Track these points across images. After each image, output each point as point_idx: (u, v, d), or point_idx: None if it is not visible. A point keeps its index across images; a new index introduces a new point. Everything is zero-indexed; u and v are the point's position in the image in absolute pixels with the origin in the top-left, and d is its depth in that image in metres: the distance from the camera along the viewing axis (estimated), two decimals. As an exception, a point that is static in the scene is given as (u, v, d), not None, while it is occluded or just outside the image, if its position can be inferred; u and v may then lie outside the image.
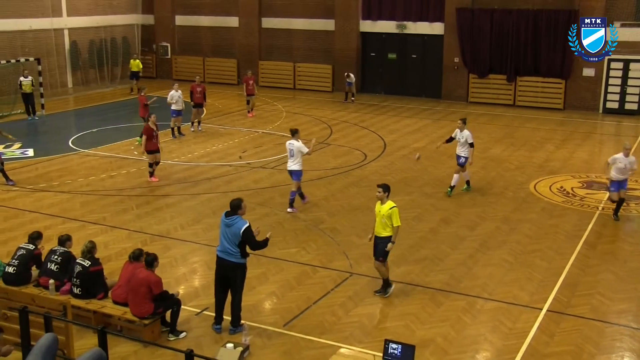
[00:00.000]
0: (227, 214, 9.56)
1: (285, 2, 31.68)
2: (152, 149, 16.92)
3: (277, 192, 16.28)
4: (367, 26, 30.34)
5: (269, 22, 32.21)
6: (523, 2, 27.06)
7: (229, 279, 9.61)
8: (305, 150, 14.60)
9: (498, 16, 27.47)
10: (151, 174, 17.19)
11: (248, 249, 9.63)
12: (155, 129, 16.97)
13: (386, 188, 10.69)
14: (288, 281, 11.48)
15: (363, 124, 24.12)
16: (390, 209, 10.52)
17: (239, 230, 9.37)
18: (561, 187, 17.02)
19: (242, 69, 32.07)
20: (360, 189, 16.69)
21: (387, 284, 11.05)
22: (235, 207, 9.59)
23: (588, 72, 26.52)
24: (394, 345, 7.63)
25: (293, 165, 14.69)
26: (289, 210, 14.85)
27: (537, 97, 27.57)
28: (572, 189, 16.90)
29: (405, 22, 29.52)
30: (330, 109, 27.28)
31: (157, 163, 17.26)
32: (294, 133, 14.77)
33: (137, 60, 30.90)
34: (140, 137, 20.97)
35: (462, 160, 16.06)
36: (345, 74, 28.64)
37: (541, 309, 10.54)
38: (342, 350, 8.90)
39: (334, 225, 14.14)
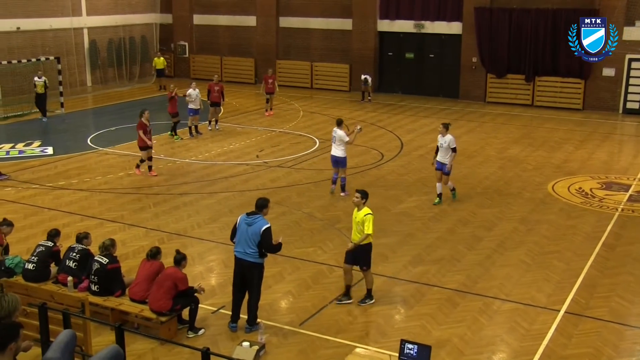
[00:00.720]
0: (249, 214, 9.58)
1: (302, 2, 31.69)
2: (145, 146, 17.30)
3: (294, 191, 16.30)
4: (384, 26, 30.27)
5: (286, 22, 32.25)
6: (542, 1, 26.86)
7: (246, 278, 9.64)
8: (347, 139, 15.63)
9: (517, 16, 27.30)
10: (138, 166, 17.67)
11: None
12: (148, 124, 17.26)
13: (364, 194, 10.56)
14: (304, 280, 11.49)
15: (380, 124, 24.07)
16: (365, 215, 10.36)
17: (259, 229, 9.40)
18: (580, 188, 16.88)
19: (259, 68, 32.15)
20: (377, 188, 16.64)
21: (369, 293, 10.68)
22: (261, 206, 9.65)
23: (608, 72, 26.27)
24: (410, 346, 7.61)
25: (337, 151, 15.70)
26: (342, 194, 15.92)
27: (556, 97, 27.36)
28: (590, 189, 16.76)
29: (423, 22, 29.43)
30: (348, 108, 27.26)
31: (150, 159, 17.61)
32: (339, 123, 15.87)
33: (162, 58, 31.14)
34: (174, 132, 21.34)
35: (439, 165, 15.21)
36: (362, 77, 28.41)
37: (559, 311, 10.47)
38: (357, 349, 8.89)
39: (351, 225, 14.06)
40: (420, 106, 27.85)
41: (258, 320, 9.78)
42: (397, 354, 7.77)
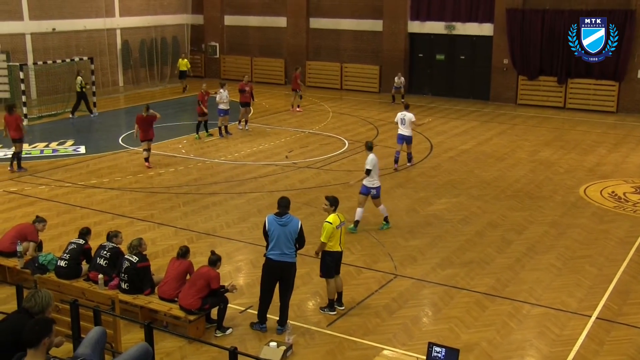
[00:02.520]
0: (280, 214, 9.58)
1: (333, 3, 31.70)
2: (146, 138, 18.28)
3: (323, 192, 16.23)
4: (415, 27, 30.13)
5: (316, 23, 32.29)
6: (576, 2, 26.46)
7: (282, 280, 9.67)
8: (414, 119, 18.27)
9: (549, 17, 26.94)
10: (147, 159, 18.48)
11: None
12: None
13: (332, 201, 10.31)
14: (332, 281, 11.46)
15: (410, 125, 23.95)
16: (324, 223, 10.17)
17: (297, 226, 9.53)
18: (613, 192, 16.61)
19: (289, 69, 32.24)
20: (406, 190, 16.60)
21: (330, 304, 10.41)
22: (288, 205, 9.69)
23: (643, 74, 25.84)
24: (438, 349, 7.56)
25: (406, 131, 18.09)
26: (408, 164, 18.57)
27: (589, 99, 26.95)
28: (624, 194, 16.47)
29: (454, 23, 29.23)
30: (377, 109, 27.19)
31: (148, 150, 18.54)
32: (407, 107, 18.61)
33: (186, 60, 31.29)
34: (197, 133, 21.71)
35: (364, 189, 13.75)
36: (397, 80, 28.13)
37: (590, 316, 10.31)
38: (385, 352, 8.87)
39: (377, 227, 14.07)
40: (450, 108, 27.66)
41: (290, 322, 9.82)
42: (425, 357, 7.73)
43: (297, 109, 26.41)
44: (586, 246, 13.16)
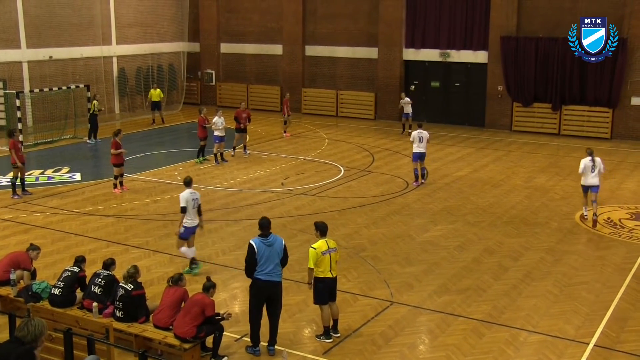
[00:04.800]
0: (265, 235, 9.79)
1: (329, 31, 31.98)
2: (119, 163, 18.46)
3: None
4: (410, 54, 30.37)
5: (312, 50, 32.51)
6: (568, 28, 26.69)
7: (270, 299, 9.77)
8: (428, 137, 19.56)
9: (543, 44, 27.20)
10: (115, 186, 18.63)
11: None
12: (120, 144, 18.47)
13: (317, 227, 10.42)
14: (328, 309, 11.39)
15: (405, 152, 24.02)
16: (309, 248, 10.25)
17: (282, 244, 9.83)
18: (608, 218, 16.62)
19: (285, 96, 32.34)
20: (402, 217, 16.59)
21: (325, 331, 10.36)
22: (270, 225, 9.92)
23: (637, 100, 26.02)
24: (435, 377, 7.50)
25: (423, 148, 19.28)
26: (423, 181, 19.65)
27: (583, 126, 27.11)
28: (620, 220, 16.49)
29: (448, 51, 29.48)
30: (373, 136, 27.29)
31: (122, 175, 18.78)
32: (421, 125, 20.01)
33: (158, 90, 30.20)
34: (198, 157, 22.06)
35: (186, 233, 12.74)
36: (404, 101, 27.59)
37: (588, 344, 10.25)
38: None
39: (375, 253, 14.05)
40: (445, 135, 27.77)
41: (282, 349, 9.73)
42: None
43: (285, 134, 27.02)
44: (583, 273, 13.13)
